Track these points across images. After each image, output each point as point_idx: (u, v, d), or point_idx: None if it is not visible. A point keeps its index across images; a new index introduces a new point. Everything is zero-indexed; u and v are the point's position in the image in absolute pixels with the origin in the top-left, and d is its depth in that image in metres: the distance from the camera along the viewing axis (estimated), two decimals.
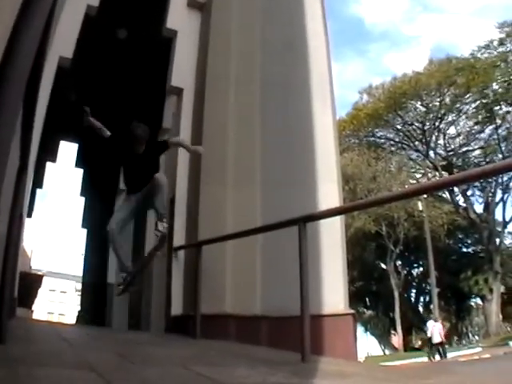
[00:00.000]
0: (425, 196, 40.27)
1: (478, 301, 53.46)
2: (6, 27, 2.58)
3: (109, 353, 5.02)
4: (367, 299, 57.43)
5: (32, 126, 4.81)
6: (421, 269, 56.71)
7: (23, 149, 4.88)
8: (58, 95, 9.99)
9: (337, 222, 9.25)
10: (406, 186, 43.78)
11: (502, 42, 45.51)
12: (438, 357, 28.60)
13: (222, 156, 9.74)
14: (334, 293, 8.92)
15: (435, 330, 29.13)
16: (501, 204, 49.25)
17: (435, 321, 30.94)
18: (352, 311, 9.24)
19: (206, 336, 7.66)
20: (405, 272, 54.93)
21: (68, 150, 22.99)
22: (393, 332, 53.78)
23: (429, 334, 29.98)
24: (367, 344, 55.65)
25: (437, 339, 28.95)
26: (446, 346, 30.78)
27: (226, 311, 8.61)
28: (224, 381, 3.76)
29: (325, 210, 7.26)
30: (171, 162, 10.94)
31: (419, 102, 50.78)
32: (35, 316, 28.63)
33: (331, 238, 9.28)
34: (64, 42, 9.15)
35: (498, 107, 46.52)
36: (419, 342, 53.50)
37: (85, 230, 23.17)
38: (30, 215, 18.31)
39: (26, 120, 4.38)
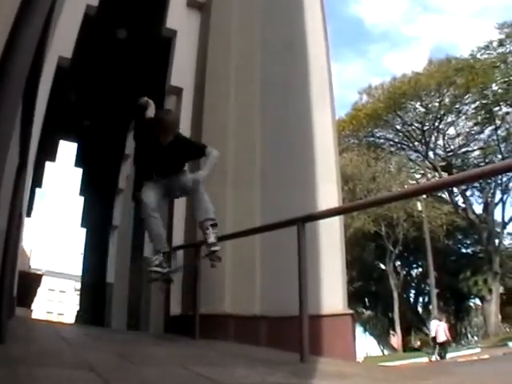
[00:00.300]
0: (424, 196, 40.31)
1: (477, 301, 53.61)
2: (6, 23, 2.58)
3: (108, 353, 5.02)
4: (366, 299, 57.51)
5: (32, 123, 4.81)
6: (420, 269, 56.84)
7: (23, 146, 4.88)
8: (58, 95, 9.99)
9: (336, 222, 9.25)
10: (406, 187, 43.82)
11: (501, 43, 45.59)
12: (435, 357, 28.59)
13: (221, 156, 9.74)
14: (332, 293, 8.92)
15: (440, 329, 29.11)
16: (500, 205, 49.38)
17: (439, 320, 30.93)
18: (351, 311, 9.23)
19: (205, 336, 7.65)
20: (404, 272, 55.03)
21: (67, 150, 23.02)
22: (392, 332, 53.84)
23: (433, 334, 29.93)
24: (366, 344, 55.73)
25: (442, 338, 28.96)
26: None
27: (225, 311, 8.60)
28: (223, 381, 3.77)
29: (324, 210, 7.26)
30: None
31: (419, 103, 50.88)
32: (34, 315, 28.62)
33: (330, 238, 9.28)
34: (63, 41, 9.14)
35: (497, 108, 46.64)
36: (418, 343, 53.61)
37: (84, 230, 23.17)
38: (29, 214, 18.34)
39: (25, 117, 4.38)
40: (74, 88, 15.00)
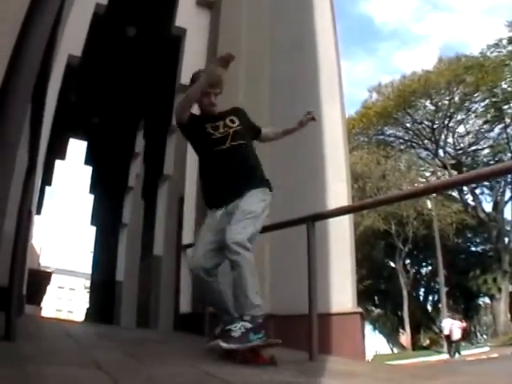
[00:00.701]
0: (434, 195, 40.20)
1: (487, 300, 53.57)
2: (15, 23, 2.59)
3: (116, 351, 5.03)
4: (376, 297, 57.54)
5: (41, 122, 4.82)
6: (429, 268, 56.81)
7: (32, 147, 4.89)
8: (68, 93, 10.01)
9: (345, 220, 9.24)
10: (416, 185, 43.80)
11: (511, 41, 45.42)
12: (456, 355, 28.59)
13: None
14: (342, 291, 8.91)
15: (454, 327, 29.15)
16: (510, 203, 49.22)
17: (453, 318, 30.93)
18: (360, 310, 9.23)
19: None
20: (413, 271, 54.92)
21: (77, 148, 23.15)
22: (401, 331, 53.86)
23: (446, 332, 29.93)
24: (375, 342, 55.75)
25: (457, 336, 29.04)
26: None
27: None
28: (231, 379, 3.76)
29: (333, 209, 7.23)
30: (180, 160, 10.95)
31: (428, 101, 50.85)
32: (44, 313, 28.73)
33: (340, 236, 9.27)
34: (73, 40, 9.17)
35: (507, 106, 46.52)
36: (427, 341, 53.56)
37: (94, 228, 23.25)
38: (39, 212, 18.39)
39: (35, 117, 4.39)
40: (83, 86, 15.02)
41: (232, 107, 5.89)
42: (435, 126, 51.60)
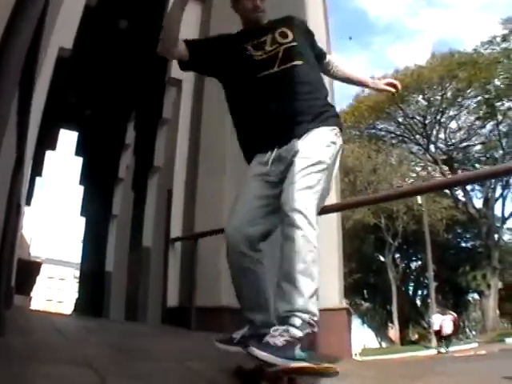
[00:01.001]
0: None
1: (476, 296, 53.77)
2: (2, 13, 2.58)
3: (104, 346, 5.03)
4: (365, 291, 57.72)
5: (29, 113, 4.80)
6: (419, 262, 57.09)
7: (20, 138, 4.87)
8: (59, 85, 9.97)
9: (333, 216, 9.24)
10: (406, 179, 43.98)
11: (505, 39, 45.63)
12: (444, 350, 28.67)
13: (220, 148, 9.70)
14: (328, 287, 8.90)
15: (445, 322, 29.24)
16: (500, 200, 49.39)
17: (443, 314, 31.00)
18: (347, 306, 9.26)
19: (202, 328, 7.66)
20: (403, 265, 55.22)
21: (68, 139, 23.05)
22: (390, 325, 54.06)
23: (436, 328, 29.98)
24: (364, 336, 55.98)
25: (448, 330, 29.15)
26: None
27: (222, 304, 8.60)
28: (216, 377, 3.78)
29: (321, 207, 7.22)
30: (168, 152, 10.94)
31: (421, 96, 50.89)
32: (33, 303, 28.67)
33: (327, 232, 9.26)
34: (64, 32, 9.11)
35: (499, 103, 46.72)
36: (416, 336, 53.83)
37: (83, 219, 23.18)
38: (29, 203, 18.33)
39: (22, 108, 4.37)
40: (74, 78, 14.97)
41: (285, 16, 4.28)
42: (427, 121, 51.73)
